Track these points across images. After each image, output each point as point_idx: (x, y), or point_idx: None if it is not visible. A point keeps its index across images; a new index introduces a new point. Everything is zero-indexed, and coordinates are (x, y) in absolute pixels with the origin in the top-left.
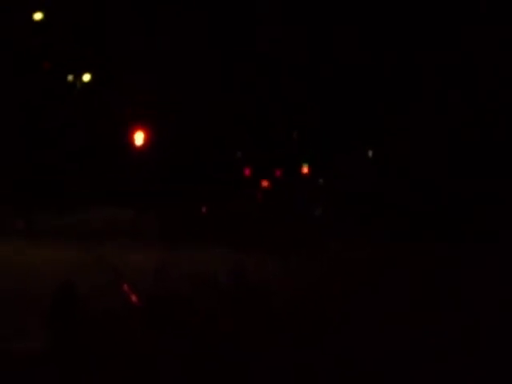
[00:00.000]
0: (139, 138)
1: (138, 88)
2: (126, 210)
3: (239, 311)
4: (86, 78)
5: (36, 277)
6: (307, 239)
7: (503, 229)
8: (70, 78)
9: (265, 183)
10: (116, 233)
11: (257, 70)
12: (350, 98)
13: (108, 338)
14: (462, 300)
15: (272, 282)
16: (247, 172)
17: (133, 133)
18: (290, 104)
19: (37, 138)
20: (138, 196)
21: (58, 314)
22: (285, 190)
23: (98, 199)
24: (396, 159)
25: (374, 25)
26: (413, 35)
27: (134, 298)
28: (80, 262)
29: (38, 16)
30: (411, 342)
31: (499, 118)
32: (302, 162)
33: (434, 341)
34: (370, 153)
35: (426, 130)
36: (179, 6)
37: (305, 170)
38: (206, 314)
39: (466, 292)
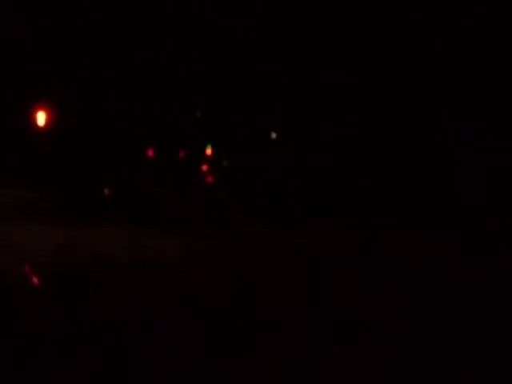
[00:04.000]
0: (41, 118)
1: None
2: (26, 190)
3: (136, 286)
4: None
5: None
6: (212, 220)
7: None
8: None
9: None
10: (15, 213)
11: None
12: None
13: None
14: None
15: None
16: (150, 153)
17: (35, 113)
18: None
19: None
20: (39, 176)
21: None
22: (191, 172)
23: None
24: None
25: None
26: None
27: (34, 277)
28: None
29: None
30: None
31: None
32: (206, 143)
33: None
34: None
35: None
36: None
37: (208, 151)
38: (104, 289)
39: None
